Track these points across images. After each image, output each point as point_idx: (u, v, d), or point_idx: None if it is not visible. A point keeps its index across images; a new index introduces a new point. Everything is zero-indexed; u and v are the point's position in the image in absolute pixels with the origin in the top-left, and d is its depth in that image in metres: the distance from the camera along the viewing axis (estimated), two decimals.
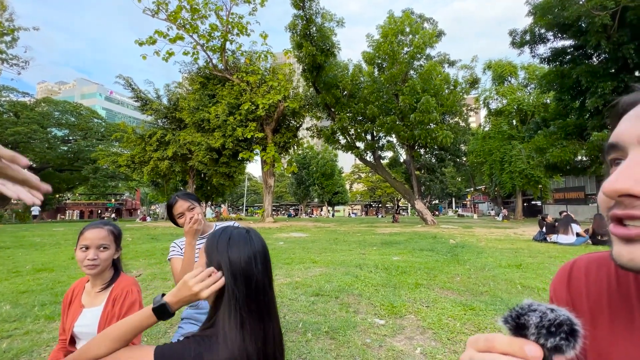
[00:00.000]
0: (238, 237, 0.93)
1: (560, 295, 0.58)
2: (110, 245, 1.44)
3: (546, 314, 0.33)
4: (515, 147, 22.71)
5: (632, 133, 0.41)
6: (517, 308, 0.35)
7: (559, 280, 0.59)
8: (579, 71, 13.89)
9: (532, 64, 24.11)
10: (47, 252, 7.54)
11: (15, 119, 28.82)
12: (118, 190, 46.59)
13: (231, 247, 0.90)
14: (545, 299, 2.15)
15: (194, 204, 1.81)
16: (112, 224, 1.52)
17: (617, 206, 0.40)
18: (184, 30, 18.33)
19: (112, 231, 1.48)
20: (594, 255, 0.57)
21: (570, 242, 8.11)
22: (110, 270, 1.49)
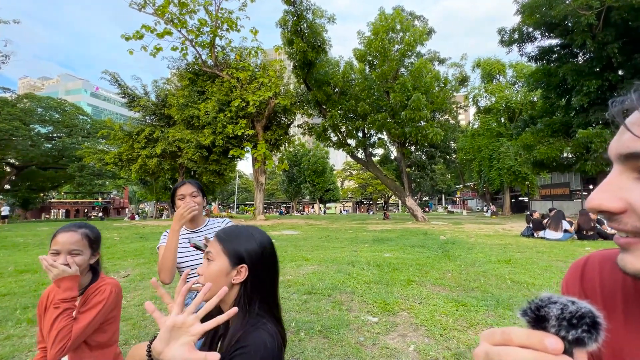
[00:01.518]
0: (246, 228, 1.01)
1: (573, 291, 0.57)
2: (83, 250, 1.35)
3: (567, 306, 0.32)
4: (503, 144, 23.10)
5: (612, 149, 0.42)
6: (537, 300, 0.34)
7: (571, 276, 0.59)
8: (565, 70, 14.16)
9: (520, 62, 24.51)
10: (31, 252, 7.32)
11: None
12: (105, 188, 45.61)
13: (257, 239, 0.97)
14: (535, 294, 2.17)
15: (198, 193, 1.83)
16: (88, 227, 1.43)
17: (604, 218, 0.41)
18: (172, 25, 17.95)
19: (87, 235, 1.39)
20: (609, 252, 0.57)
21: (557, 238, 8.29)
22: (87, 275, 1.41)
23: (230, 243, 0.94)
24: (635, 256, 0.40)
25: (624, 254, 0.41)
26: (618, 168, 0.41)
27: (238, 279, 0.91)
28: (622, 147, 0.39)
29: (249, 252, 0.93)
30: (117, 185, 42.34)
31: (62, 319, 1.23)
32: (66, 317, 1.24)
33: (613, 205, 0.39)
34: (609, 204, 0.40)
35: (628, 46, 12.70)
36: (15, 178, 32.08)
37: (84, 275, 1.38)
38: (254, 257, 0.93)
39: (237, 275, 0.91)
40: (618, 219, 0.40)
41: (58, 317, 1.23)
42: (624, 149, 0.39)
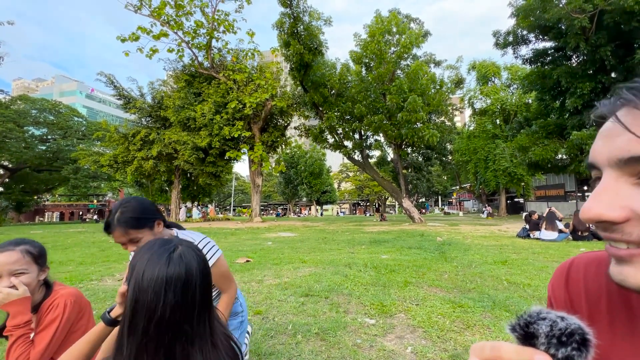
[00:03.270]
0: (157, 255, 0.75)
1: (558, 295, 0.56)
2: (28, 268, 1.24)
3: (556, 322, 0.31)
4: (499, 145, 23.28)
5: (603, 154, 0.39)
6: (526, 316, 0.33)
7: (557, 279, 0.58)
8: (559, 72, 14.31)
9: (514, 64, 24.76)
10: None
11: None
12: (100, 191, 45.26)
13: (146, 267, 0.73)
14: (531, 294, 2.18)
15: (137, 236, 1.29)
16: (28, 242, 1.30)
17: (600, 228, 0.39)
18: (168, 26, 17.90)
19: (29, 251, 1.27)
20: (593, 255, 0.57)
21: (553, 239, 8.35)
22: (39, 291, 1.31)
23: (130, 268, 0.80)
24: (638, 269, 0.37)
25: (623, 266, 0.38)
26: (613, 174, 0.38)
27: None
28: (620, 150, 0.37)
29: (133, 285, 0.75)
30: (113, 187, 41.97)
31: (18, 346, 1.15)
32: (22, 344, 1.16)
33: (615, 214, 0.36)
34: (611, 213, 0.36)
35: (620, 49, 12.88)
36: (9, 180, 31.73)
37: (36, 292, 1.29)
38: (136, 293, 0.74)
39: None
40: (619, 229, 0.37)
41: (13, 345, 1.15)
42: (623, 153, 0.36)
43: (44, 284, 1.34)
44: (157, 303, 0.70)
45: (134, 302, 0.71)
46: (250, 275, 4.57)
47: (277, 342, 2.39)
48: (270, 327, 2.66)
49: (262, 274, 4.60)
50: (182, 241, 0.81)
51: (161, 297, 0.70)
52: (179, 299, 0.72)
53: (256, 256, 6.19)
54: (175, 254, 0.76)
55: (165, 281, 0.71)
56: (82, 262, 5.96)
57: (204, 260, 0.80)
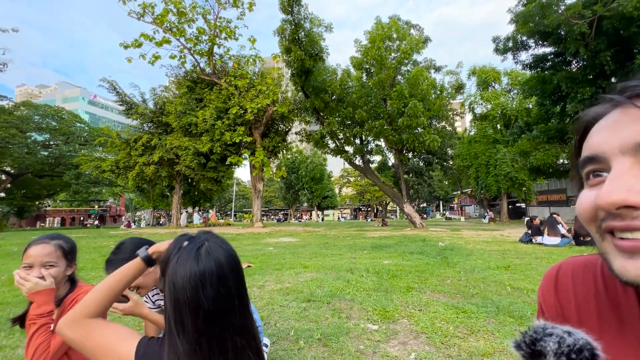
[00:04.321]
0: (186, 252, 0.77)
1: (549, 301, 0.57)
2: (57, 262, 1.30)
3: (564, 338, 0.30)
4: (500, 150, 23.26)
5: (613, 144, 0.40)
6: (531, 332, 0.32)
7: (546, 285, 0.59)
8: (559, 77, 14.37)
9: (514, 70, 24.85)
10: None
11: None
12: (102, 196, 45.37)
13: (177, 266, 0.76)
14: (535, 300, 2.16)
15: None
16: (62, 238, 1.38)
17: (613, 218, 0.38)
18: (171, 33, 18.10)
19: (61, 246, 1.34)
20: (579, 259, 0.58)
21: (555, 244, 8.30)
22: (64, 286, 1.37)
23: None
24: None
25: (628, 260, 0.37)
26: (627, 161, 0.38)
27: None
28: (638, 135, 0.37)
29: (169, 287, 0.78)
30: (114, 193, 42.09)
31: (39, 334, 1.19)
32: (43, 332, 1.20)
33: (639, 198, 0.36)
34: (635, 197, 0.36)
35: (620, 54, 12.94)
36: (10, 186, 31.84)
37: (60, 287, 1.35)
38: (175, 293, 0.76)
39: None
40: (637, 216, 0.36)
41: (35, 333, 1.19)
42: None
43: (69, 280, 1.39)
44: (197, 299, 0.72)
45: (174, 301, 0.73)
46: (251, 280, 4.54)
47: (279, 348, 2.36)
48: (272, 333, 2.64)
49: (263, 280, 4.58)
50: (208, 236, 0.84)
51: (200, 292, 0.73)
52: (217, 292, 0.74)
53: (257, 261, 6.17)
54: (203, 249, 0.78)
55: (200, 277, 0.73)
56: (83, 268, 5.94)
57: (231, 252, 0.83)
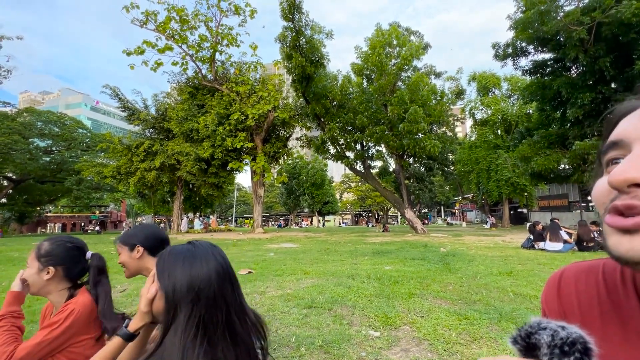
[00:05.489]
0: (190, 255, 0.87)
1: (552, 306, 0.58)
2: (31, 264, 1.29)
3: (557, 332, 0.31)
4: (500, 156, 23.27)
5: (637, 130, 0.41)
6: (526, 327, 0.33)
7: (549, 291, 0.60)
8: (559, 83, 14.42)
9: (514, 75, 24.98)
10: (25, 267, 7.19)
11: None
12: (103, 202, 45.42)
13: (184, 266, 0.84)
14: (538, 306, 2.14)
15: (120, 248, 1.52)
16: (52, 239, 1.36)
17: (620, 197, 0.39)
18: (173, 40, 18.29)
19: (39, 247, 1.33)
20: (582, 264, 0.58)
21: (558, 249, 8.25)
22: (61, 295, 1.34)
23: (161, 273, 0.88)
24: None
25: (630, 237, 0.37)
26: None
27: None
28: None
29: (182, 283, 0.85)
30: (115, 198, 42.10)
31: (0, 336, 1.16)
32: (2, 334, 1.17)
33: None
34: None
35: (619, 60, 12.99)
36: (12, 192, 31.91)
37: (51, 294, 1.32)
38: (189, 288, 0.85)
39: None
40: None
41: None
42: None
43: (69, 288, 1.35)
44: (208, 294, 0.82)
45: (191, 302, 0.80)
46: (252, 286, 4.52)
47: (280, 355, 2.34)
48: (273, 339, 2.61)
49: (264, 286, 4.56)
50: (195, 241, 0.94)
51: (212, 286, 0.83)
52: (220, 284, 0.84)
53: (258, 267, 6.14)
54: (197, 252, 0.88)
55: (204, 275, 0.83)
56: None
57: (218, 250, 0.93)
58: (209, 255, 0.88)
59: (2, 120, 28.77)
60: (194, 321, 0.79)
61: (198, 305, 0.80)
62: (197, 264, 0.85)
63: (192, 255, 0.87)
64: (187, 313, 0.79)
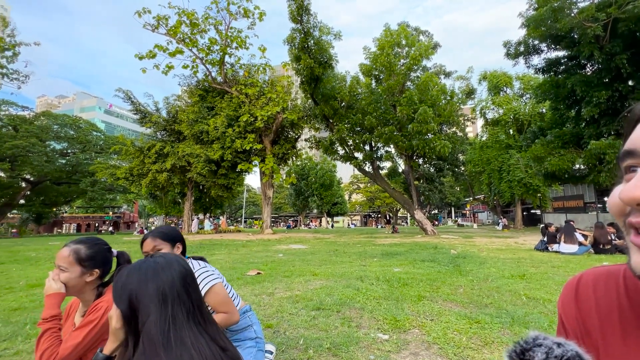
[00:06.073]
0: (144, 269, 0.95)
1: (569, 312, 0.56)
2: (68, 267, 1.29)
3: (552, 349, 0.30)
4: (513, 156, 22.82)
5: None
6: (522, 342, 0.33)
7: (566, 296, 0.58)
8: (573, 81, 14.07)
9: (526, 74, 24.49)
10: (42, 267, 7.40)
11: (14, 133, 28.87)
12: (116, 203, 46.33)
13: (149, 281, 0.92)
14: (552, 310, 2.09)
15: (162, 245, 1.66)
16: (85, 243, 1.36)
17: (635, 214, 0.38)
18: (184, 44, 18.58)
19: (76, 251, 1.32)
20: (601, 270, 0.57)
21: (573, 252, 8.04)
22: (92, 292, 1.36)
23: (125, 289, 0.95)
24: None
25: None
26: None
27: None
28: None
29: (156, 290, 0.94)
30: (128, 199, 42.94)
31: (45, 340, 1.18)
32: (49, 337, 1.19)
33: None
34: None
35: (637, 56, 12.60)
36: (30, 193, 32.87)
37: (84, 293, 1.34)
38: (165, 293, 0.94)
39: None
40: None
41: (41, 337, 1.19)
42: None
43: (99, 286, 1.38)
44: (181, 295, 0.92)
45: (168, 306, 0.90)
46: (261, 287, 4.54)
47: (288, 357, 2.34)
48: (281, 341, 2.62)
49: (273, 287, 4.57)
50: (155, 254, 1.03)
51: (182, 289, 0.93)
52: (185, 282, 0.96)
53: (267, 268, 6.17)
54: (159, 260, 0.98)
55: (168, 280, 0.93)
56: None
57: (177, 258, 1.02)
58: (171, 263, 0.98)
59: (21, 124, 29.74)
60: (164, 321, 0.88)
61: (165, 306, 0.89)
62: (160, 273, 0.94)
63: (154, 264, 0.96)
64: (157, 315, 0.88)
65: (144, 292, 0.90)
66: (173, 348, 0.84)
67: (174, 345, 0.85)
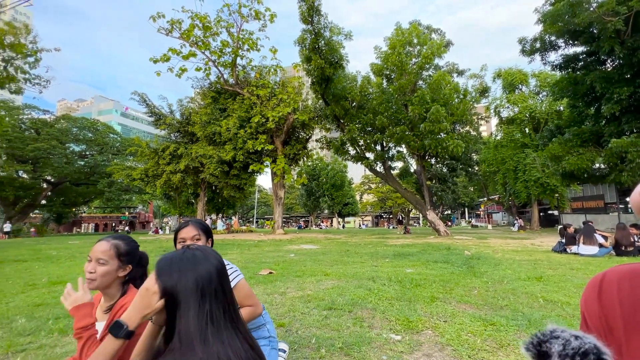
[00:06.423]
0: (193, 257, 0.97)
1: (592, 310, 0.55)
2: (108, 261, 1.35)
3: (569, 341, 0.30)
4: (529, 155, 22.25)
5: None
6: (539, 334, 0.33)
7: (589, 294, 0.58)
8: (593, 77, 13.63)
9: (543, 71, 23.85)
10: (63, 264, 7.66)
11: (36, 136, 30.01)
12: (132, 203, 47.47)
13: (195, 266, 0.94)
14: (570, 313, 2.04)
15: (202, 236, 1.72)
16: (123, 239, 1.44)
17: None
18: (197, 47, 18.90)
19: (117, 246, 1.40)
20: (626, 268, 0.56)
21: (593, 254, 7.78)
22: (117, 288, 1.41)
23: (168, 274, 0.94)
24: None
25: None
26: None
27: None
28: None
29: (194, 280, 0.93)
30: (143, 200, 43.96)
31: (89, 347, 1.21)
32: (91, 344, 1.21)
33: None
34: None
35: None
36: (51, 194, 34.06)
37: (112, 287, 1.39)
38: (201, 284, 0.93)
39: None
40: None
41: (84, 347, 1.21)
42: None
43: (123, 283, 1.42)
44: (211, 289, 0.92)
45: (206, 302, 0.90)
46: (273, 287, 4.58)
47: (300, 356, 2.36)
48: (293, 340, 2.64)
49: (284, 286, 4.60)
50: (192, 245, 1.04)
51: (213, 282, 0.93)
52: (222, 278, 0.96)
53: (279, 268, 6.21)
54: (197, 253, 0.98)
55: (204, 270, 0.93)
56: None
57: (213, 251, 1.03)
58: (208, 257, 0.97)
59: (42, 127, 30.89)
60: (202, 316, 0.87)
61: (204, 301, 0.89)
62: (199, 266, 0.94)
63: (193, 258, 0.95)
64: (196, 309, 0.88)
65: (184, 283, 0.90)
66: (210, 345, 0.85)
67: (212, 342, 0.85)
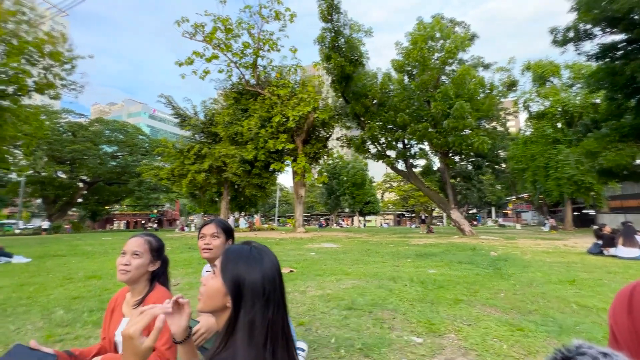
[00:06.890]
0: (252, 256, 0.91)
1: (621, 323, 0.52)
2: (143, 253, 1.46)
3: (597, 359, 0.28)
4: (561, 151, 21.07)
5: None
6: (564, 350, 0.31)
7: (618, 306, 0.54)
8: (634, 67, 12.69)
9: (577, 62, 22.46)
10: (97, 260, 8.12)
11: (73, 138, 31.97)
12: (160, 201, 49.52)
13: (250, 266, 0.88)
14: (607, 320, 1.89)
15: (220, 234, 1.75)
16: (153, 236, 1.56)
17: None
18: (219, 49, 19.37)
19: (149, 241, 1.52)
20: None
21: (634, 256, 7.27)
22: (146, 283, 1.50)
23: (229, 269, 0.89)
24: None
25: None
26: None
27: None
28: None
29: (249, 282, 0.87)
30: (170, 198, 45.77)
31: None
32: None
33: None
34: None
35: None
36: (86, 193, 36.20)
37: (140, 282, 1.47)
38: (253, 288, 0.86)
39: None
40: None
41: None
42: None
43: (150, 279, 1.52)
44: (275, 295, 0.87)
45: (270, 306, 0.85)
46: (293, 285, 4.62)
47: (320, 356, 2.36)
48: (313, 339, 2.65)
49: (305, 285, 4.63)
50: (252, 242, 0.99)
51: (277, 288, 0.89)
52: (281, 286, 0.91)
53: (300, 267, 6.26)
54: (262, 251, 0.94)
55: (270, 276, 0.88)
56: None
57: (269, 250, 0.98)
58: (271, 257, 0.92)
59: (78, 130, 32.85)
60: (263, 325, 0.82)
61: (268, 308, 0.84)
62: (265, 264, 0.89)
63: (259, 255, 0.91)
64: (259, 318, 0.83)
65: (251, 279, 0.85)
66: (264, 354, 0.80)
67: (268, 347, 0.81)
